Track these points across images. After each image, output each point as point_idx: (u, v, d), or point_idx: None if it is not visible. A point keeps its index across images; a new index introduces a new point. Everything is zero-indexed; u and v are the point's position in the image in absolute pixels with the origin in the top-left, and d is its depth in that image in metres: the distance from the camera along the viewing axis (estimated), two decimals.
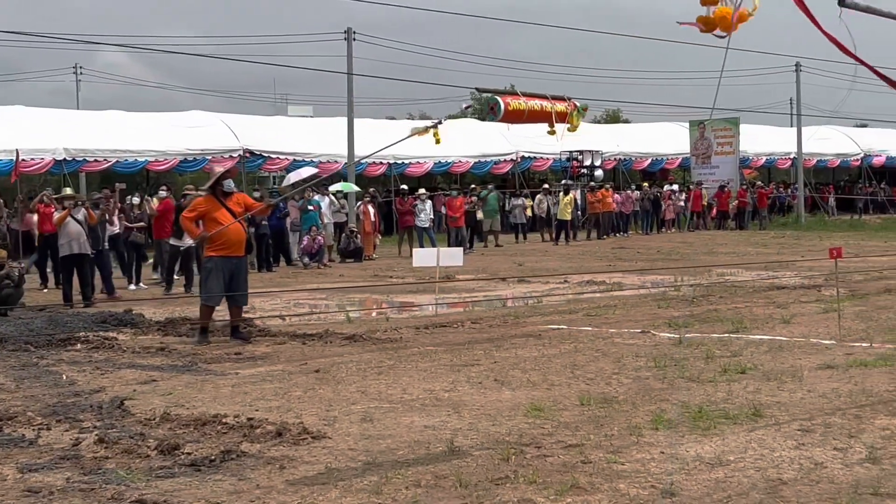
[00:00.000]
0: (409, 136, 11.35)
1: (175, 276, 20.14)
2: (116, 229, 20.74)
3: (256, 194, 25.94)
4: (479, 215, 31.89)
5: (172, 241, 19.86)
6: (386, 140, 37.02)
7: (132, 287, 20.41)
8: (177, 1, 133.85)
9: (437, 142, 10.99)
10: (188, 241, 19.50)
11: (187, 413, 8.20)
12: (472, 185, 35.20)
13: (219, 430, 7.57)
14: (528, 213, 36.50)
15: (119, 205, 21.08)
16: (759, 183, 44.63)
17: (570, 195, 34.21)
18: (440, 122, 10.63)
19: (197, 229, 12.56)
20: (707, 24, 5.17)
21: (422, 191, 30.86)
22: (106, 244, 19.17)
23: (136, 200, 22.21)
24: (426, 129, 11.03)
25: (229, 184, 12.76)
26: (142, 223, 21.71)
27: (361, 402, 8.53)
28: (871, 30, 6.70)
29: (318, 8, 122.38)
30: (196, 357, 11.36)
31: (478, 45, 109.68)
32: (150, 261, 22.85)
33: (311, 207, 26.71)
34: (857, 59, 5.53)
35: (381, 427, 7.58)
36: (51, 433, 7.66)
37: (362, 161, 34.80)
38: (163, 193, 21.55)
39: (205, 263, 12.96)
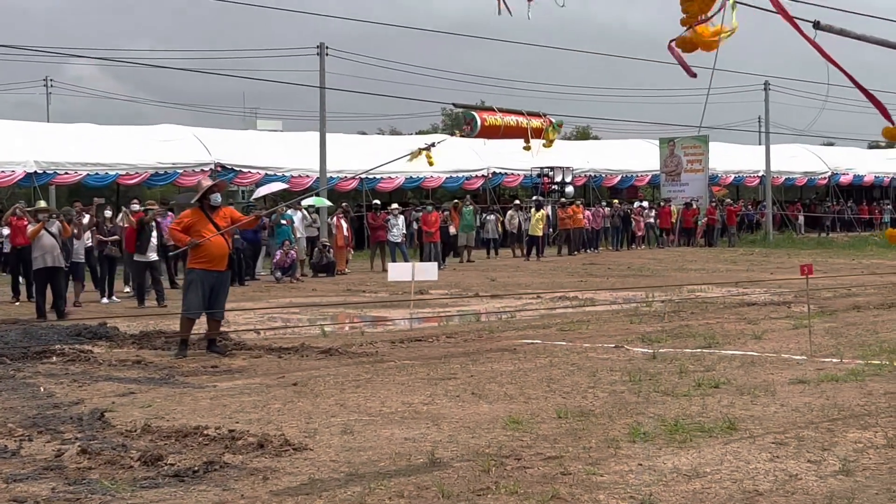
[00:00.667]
0: (402, 157, 11.50)
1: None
2: (88, 242, 20.72)
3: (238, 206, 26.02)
4: (452, 230, 31.97)
5: (136, 257, 19.87)
6: (356, 155, 37.31)
7: (105, 300, 20.36)
8: (147, 14, 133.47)
9: (431, 163, 11.13)
10: (152, 256, 19.59)
11: (168, 425, 8.26)
12: (456, 200, 35.23)
13: (200, 442, 7.64)
14: (500, 228, 36.65)
15: (96, 219, 21.06)
16: (729, 200, 45.01)
17: (542, 211, 34.41)
18: (434, 145, 10.76)
19: (185, 237, 12.63)
20: (687, 46, 5.32)
21: (394, 206, 30.96)
22: (81, 257, 19.13)
23: (107, 214, 22.17)
24: (420, 152, 11.17)
25: (216, 198, 12.87)
26: (115, 237, 21.69)
27: (341, 414, 8.62)
28: (844, 52, 6.87)
29: (287, 22, 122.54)
30: (173, 370, 11.41)
31: (448, 60, 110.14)
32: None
33: (283, 222, 26.77)
34: (842, 70, 5.70)
35: (361, 439, 7.67)
36: (33, 444, 7.70)
37: (335, 176, 34.93)
38: (135, 207, 21.56)
39: (186, 275, 13.02)
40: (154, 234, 19.89)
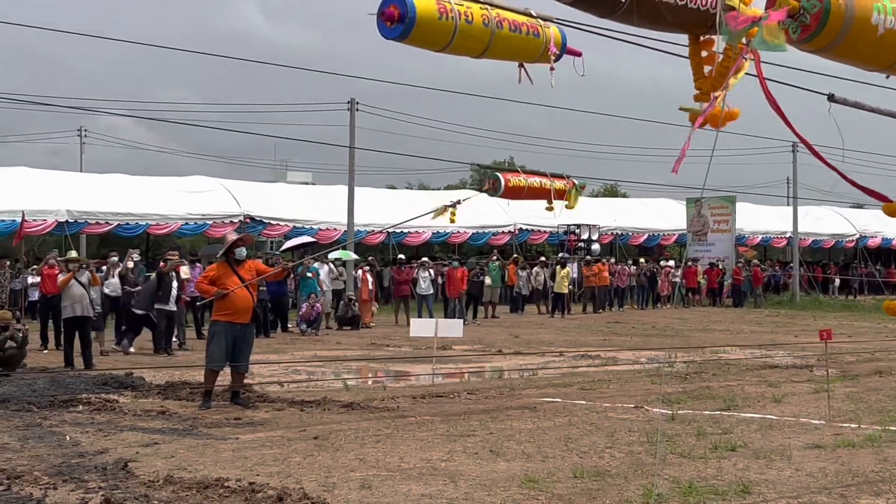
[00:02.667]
0: (426, 214, 11.78)
1: (175, 340, 20.47)
2: (117, 292, 20.91)
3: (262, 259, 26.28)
4: (488, 280, 32.00)
5: (158, 305, 20.06)
6: (384, 208, 37.62)
7: (132, 349, 20.45)
8: (179, 65, 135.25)
9: (453, 220, 11.42)
10: (172, 306, 19.80)
11: (190, 476, 8.41)
12: (515, 255, 35.43)
13: (221, 494, 7.78)
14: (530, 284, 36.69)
15: (129, 269, 21.28)
16: (756, 262, 44.85)
17: (567, 268, 34.55)
18: (459, 202, 11.03)
19: (212, 288, 12.89)
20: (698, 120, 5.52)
21: (424, 259, 31.15)
22: (98, 307, 19.17)
23: (130, 265, 22.34)
24: (445, 209, 11.42)
25: (241, 251, 13.15)
26: (139, 287, 21.88)
27: (360, 469, 8.75)
28: (860, 121, 7.06)
29: (319, 76, 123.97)
30: (196, 421, 11.58)
31: (479, 118, 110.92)
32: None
33: (309, 274, 27.01)
34: (823, 160, 5.86)
35: (379, 494, 7.79)
36: (57, 493, 7.86)
37: (362, 230, 35.24)
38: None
39: (210, 327, 13.26)
40: (175, 283, 20.12)
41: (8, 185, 31.72)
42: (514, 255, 36.94)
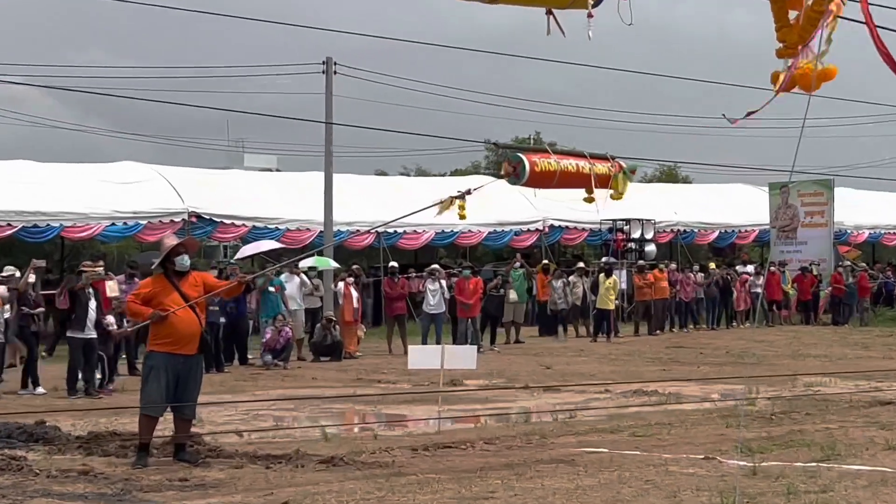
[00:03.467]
0: (427, 208, 11.83)
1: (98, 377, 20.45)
2: (6, 314, 20.78)
3: (214, 272, 26.36)
4: (513, 296, 31.93)
5: (70, 333, 19.96)
6: (373, 201, 37.59)
7: (39, 390, 20.37)
8: (100, 19, 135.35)
9: (462, 216, 11.43)
10: (90, 333, 19.68)
11: None
12: (545, 261, 35.42)
13: None
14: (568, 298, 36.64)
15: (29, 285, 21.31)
16: (862, 265, 44.71)
17: (613, 277, 34.47)
18: (469, 192, 11.05)
19: (146, 310, 12.85)
20: (786, 83, 5.49)
21: (434, 266, 31.02)
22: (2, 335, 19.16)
23: (31, 279, 22.22)
24: (452, 201, 11.44)
25: (183, 261, 13.09)
26: (41, 308, 21.84)
27: None
28: None
29: (284, 31, 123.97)
30: (129, 483, 11.57)
31: (492, 81, 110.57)
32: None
33: (271, 289, 26.84)
34: None
35: None
36: None
37: (344, 230, 35.23)
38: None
39: (146, 361, 13.25)
40: (93, 303, 19.95)
41: None
42: (544, 261, 37.01)
